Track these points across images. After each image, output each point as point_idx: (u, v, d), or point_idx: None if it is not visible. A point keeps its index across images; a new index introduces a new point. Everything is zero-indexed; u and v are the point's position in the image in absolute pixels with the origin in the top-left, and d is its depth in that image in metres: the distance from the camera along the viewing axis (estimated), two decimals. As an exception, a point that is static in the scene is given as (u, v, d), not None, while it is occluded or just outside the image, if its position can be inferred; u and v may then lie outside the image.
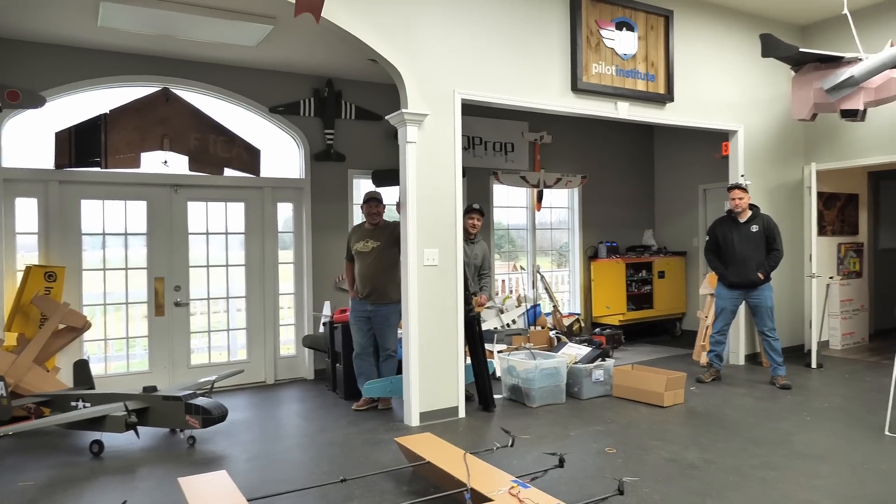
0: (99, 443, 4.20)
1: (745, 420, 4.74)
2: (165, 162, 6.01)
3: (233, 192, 6.37)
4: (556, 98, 5.50)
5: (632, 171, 9.10)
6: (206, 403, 4.25)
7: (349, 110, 6.83)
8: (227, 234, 6.41)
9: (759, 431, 4.45)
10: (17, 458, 4.16)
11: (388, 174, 6.85)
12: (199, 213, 6.27)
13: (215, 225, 6.35)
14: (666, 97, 6.10)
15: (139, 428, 4.23)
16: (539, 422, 4.81)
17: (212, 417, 4.20)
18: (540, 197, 8.22)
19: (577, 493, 3.18)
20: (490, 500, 2.82)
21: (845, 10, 6.12)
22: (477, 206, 5.57)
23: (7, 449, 4.37)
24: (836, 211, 7.77)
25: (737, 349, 6.83)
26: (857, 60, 5.78)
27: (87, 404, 4.45)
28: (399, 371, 5.16)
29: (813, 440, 4.26)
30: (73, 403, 4.52)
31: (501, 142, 7.91)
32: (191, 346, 6.19)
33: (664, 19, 6.09)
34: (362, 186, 7.04)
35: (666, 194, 9.21)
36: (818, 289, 6.85)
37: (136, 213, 5.98)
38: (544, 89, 5.43)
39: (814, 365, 6.54)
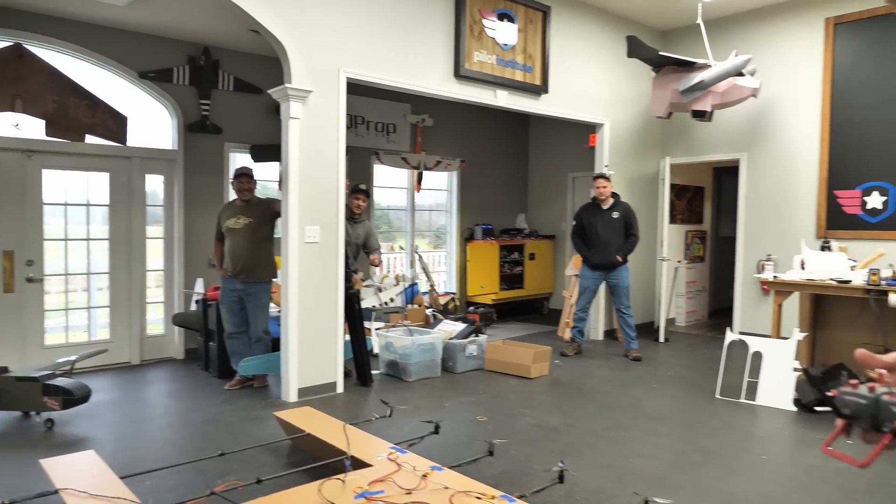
0: (-59, 427, 3.87)
1: (602, 388, 5.20)
2: (17, 125, 5.52)
3: (96, 160, 5.97)
4: (440, 83, 5.65)
5: (508, 158, 9.50)
6: (67, 384, 4.03)
7: (227, 81, 6.59)
8: (88, 205, 6.00)
9: (613, 398, 4.90)
10: None
11: (268, 149, 6.71)
12: (57, 182, 5.82)
13: (75, 195, 5.93)
14: (541, 88, 6.45)
15: (-11, 411, 3.94)
16: (416, 394, 5.00)
17: (73, 398, 3.99)
18: (420, 178, 8.38)
19: (451, 457, 3.38)
20: (370, 465, 2.94)
21: (699, 20, 6.76)
22: (363, 187, 5.61)
23: None
24: (686, 202, 8.57)
25: (597, 325, 7.41)
26: (707, 66, 6.42)
27: (-74, 387, 4.06)
28: (274, 350, 5.13)
29: (657, 404, 4.76)
30: None
31: (384, 122, 7.97)
32: (45, 325, 5.77)
33: (542, 14, 6.41)
34: (239, 161, 6.84)
35: (538, 180, 9.70)
36: (667, 272, 7.56)
37: (-19, 180, 5.45)
38: (428, 74, 5.57)
39: (661, 339, 7.24)
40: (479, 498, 2.58)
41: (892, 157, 6.11)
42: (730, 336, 5.02)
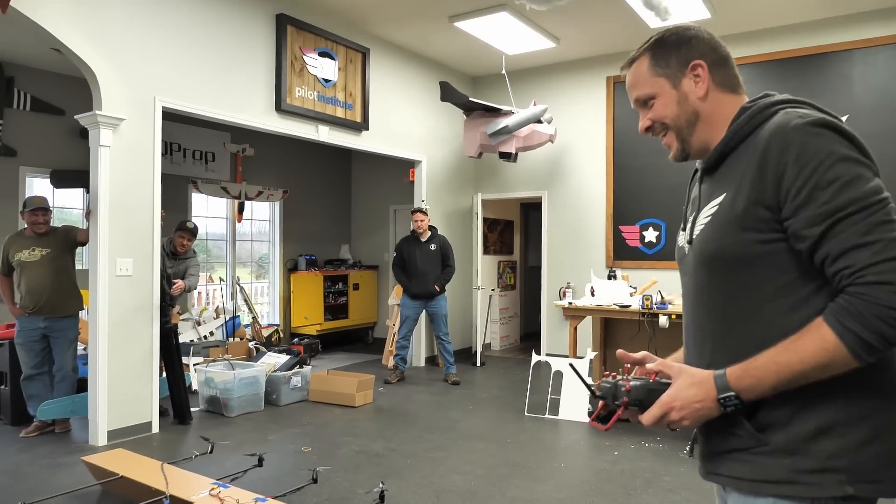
0: None
1: (422, 412, 5.50)
2: None
3: None
4: (261, 116, 5.70)
5: (331, 189, 9.67)
6: None
7: (23, 100, 6.09)
8: None
9: (432, 421, 5.22)
10: None
11: (71, 175, 6.28)
12: None
13: None
14: (361, 125, 6.73)
15: None
16: (238, 429, 4.93)
17: None
18: (241, 208, 8.26)
19: (275, 488, 3.43)
20: (191, 503, 2.92)
21: (503, 71, 7.50)
22: (191, 225, 5.41)
23: None
24: (497, 234, 9.31)
25: (419, 352, 7.76)
26: (511, 112, 7.14)
27: None
28: (79, 391, 4.79)
29: (473, 424, 5.16)
30: None
31: (202, 150, 7.78)
32: None
33: (362, 55, 6.72)
34: (36, 187, 6.30)
35: (361, 212, 9.97)
36: (482, 300, 8.15)
37: None
38: (250, 106, 5.60)
39: (478, 363, 7.77)
40: (304, 523, 2.69)
41: (663, 197, 7.21)
42: (535, 358, 5.58)
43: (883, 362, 1.11)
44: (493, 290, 8.94)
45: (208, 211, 8.15)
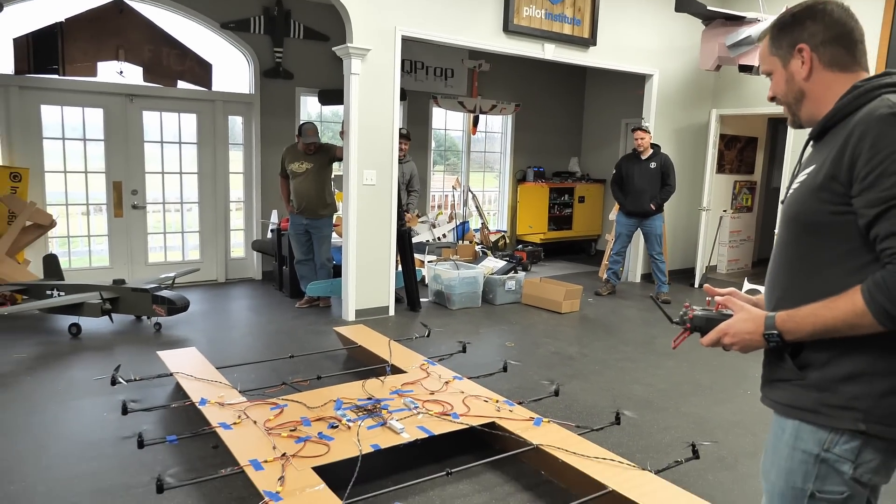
0: (77, 325, 4.88)
1: (623, 325, 5.79)
2: (121, 72, 6.35)
3: (186, 103, 6.79)
4: (489, 38, 6.09)
5: (563, 102, 9.82)
6: (171, 295, 4.94)
7: (298, 30, 7.21)
8: (180, 143, 6.87)
9: (630, 335, 5.49)
10: (3, 337, 4.81)
11: (334, 94, 7.36)
12: (154, 123, 6.69)
13: (169, 134, 6.80)
14: (589, 41, 6.77)
15: (112, 314, 4.91)
16: (456, 321, 5.73)
17: (176, 307, 4.91)
18: (476, 121, 8.88)
19: (473, 371, 4.09)
20: (405, 371, 3.70)
21: (751, -26, 6.82)
22: (404, 131, 6.24)
23: (-10, 328, 5.00)
24: (736, 152, 8.74)
25: (635, 268, 7.90)
26: (756, 21, 6.55)
27: (62, 293, 5.07)
28: (337, 275, 5.94)
29: (670, 343, 5.31)
30: (49, 292, 5.12)
31: (442, 67, 8.45)
32: (148, 246, 6.78)
33: (593, -32, 6.65)
34: (309, 104, 7.54)
35: (592, 125, 10.01)
36: (707, 221, 7.87)
37: (93, 120, 6.36)
38: (478, 29, 6.01)
39: (697, 285, 7.68)
40: (486, 401, 3.29)
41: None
42: (747, 286, 5.46)
43: None
44: (724, 210, 8.55)
45: (447, 124, 8.92)
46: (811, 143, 1.47)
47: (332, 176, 6.03)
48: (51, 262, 5.48)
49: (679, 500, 2.44)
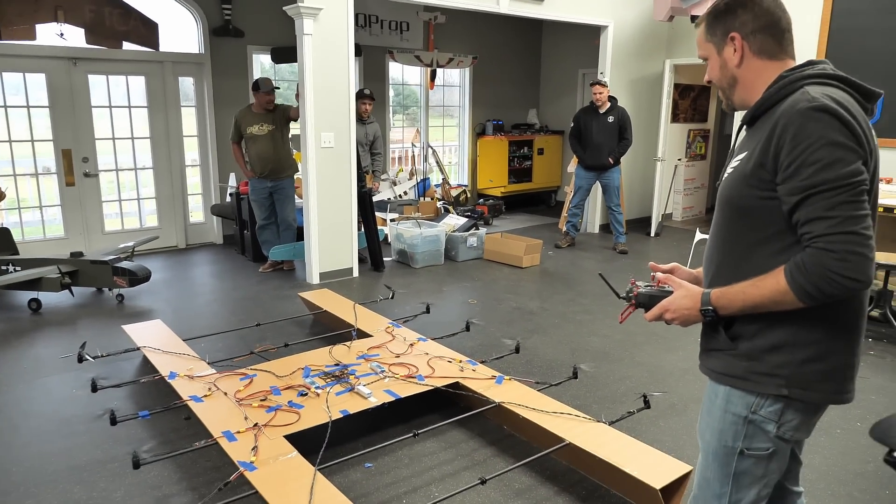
0: (37, 301, 4.83)
1: (582, 278, 5.97)
2: (62, 34, 6.10)
3: (133, 65, 6.57)
4: (444, -7, 6.01)
5: (520, 54, 9.78)
6: (131, 266, 4.91)
7: (247, -15, 6.98)
8: (129, 107, 6.68)
9: (589, 287, 5.68)
10: (-41, 314, 4.74)
11: (288, 51, 7.20)
12: (101, 87, 6.48)
13: (118, 98, 6.59)
14: (544, -6, 6.72)
15: (72, 288, 4.86)
16: (420, 279, 5.84)
17: (137, 278, 4.89)
18: (433, 76, 8.81)
19: (437, 332, 4.21)
20: (371, 335, 3.80)
21: (702, -78, 6.82)
22: (368, 91, 6.20)
23: (-55, 306, 4.91)
24: (690, 100, 8.88)
25: (593, 220, 8.08)
26: (707, -29, 6.59)
27: (18, 268, 4.99)
28: (300, 238, 5.96)
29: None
30: (3, 268, 5.03)
31: (397, 21, 8.31)
32: (103, 214, 6.65)
33: (547, -83, 6.55)
34: (262, 62, 7.37)
35: (550, 77, 10.02)
36: (662, 171, 8.05)
37: (36, 86, 6.13)
38: (433, -16, 5.92)
39: (653, 234, 7.91)
40: (449, 361, 3.42)
41: (889, 64, 6.35)
42: (698, 235, 5.66)
43: (837, 303, 1.37)
44: (679, 159, 8.74)
45: (404, 78, 8.83)
46: (744, 128, 1.57)
47: (290, 136, 5.98)
48: (3, 236, 5.35)
49: (630, 448, 2.62)
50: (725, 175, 1.54)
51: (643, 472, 2.44)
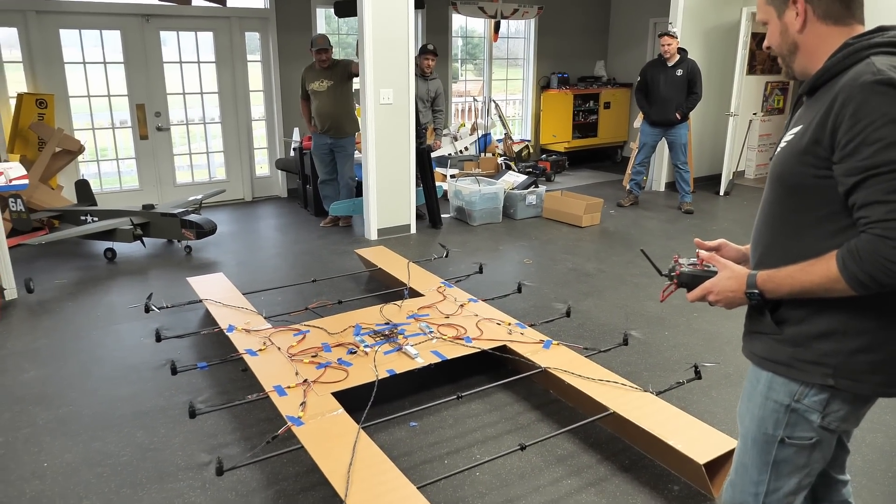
0: (112, 250, 5.12)
1: (644, 238, 5.82)
2: (134, -10, 6.25)
3: (201, 21, 6.69)
4: (508, -59, 5.79)
5: (588, 2, 9.38)
6: (198, 219, 5.11)
7: (310, -63, 6.93)
8: (199, 62, 6.83)
9: (650, 248, 5.52)
10: (44, 263, 5.08)
11: (351, 5, 7.11)
12: (172, 43, 6.64)
13: (187, 54, 6.75)
14: (615, -62, 6.37)
15: (143, 239, 5.12)
16: (476, 237, 5.83)
17: (204, 231, 5.09)
18: (497, 27, 8.58)
19: (488, 292, 4.22)
20: (422, 294, 3.84)
21: None
22: (431, 47, 6.10)
23: (32, 255, 5.26)
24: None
25: (659, 177, 7.81)
26: None
27: (96, 219, 5.28)
28: (359, 194, 6.03)
29: (689, 255, 5.35)
30: (83, 218, 5.34)
31: (462, -30, 8.08)
32: (175, 167, 6.92)
33: None
34: (325, 16, 7.36)
35: (619, 26, 9.58)
36: (735, 127, 7.63)
37: (112, 43, 6.34)
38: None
39: (722, 193, 7.58)
40: (498, 324, 3.43)
41: None
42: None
43: (892, 292, 1.28)
44: (754, 113, 8.28)
45: (466, 31, 8.64)
46: (803, 98, 1.45)
47: (355, 91, 6.00)
48: (83, 188, 5.66)
49: (676, 420, 2.58)
50: (779, 149, 1.44)
51: (687, 445, 2.40)
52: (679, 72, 6.41)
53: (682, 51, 6.49)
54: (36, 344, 3.65)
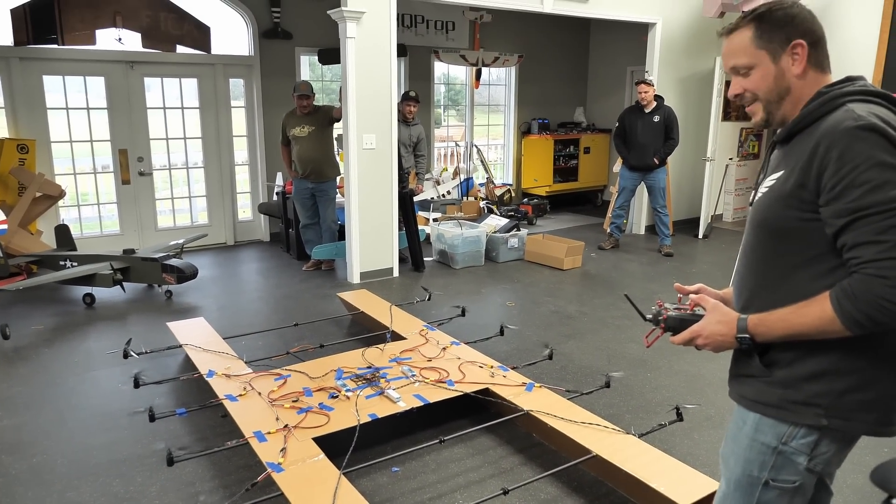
0: (91, 295, 5.06)
1: (625, 281, 5.87)
2: (119, 39, 6.34)
3: (186, 68, 6.79)
4: (487, -7, 5.98)
5: (567, 52, 9.65)
6: (180, 263, 5.09)
7: (295, -12, 7.11)
8: (182, 108, 6.90)
9: (631, 290, 5.58)
10: (21, 308, 5.00)
11: (334, 53, 7.26)
12: (156, 89, 6.71)
13: (171, 99, 6.82)
14: (590, -8, 6.62)
15: (123, 283, 5.07)
16: (459, 280, 5.85)
17: (185, 275, 5.06)
18: (479, 75, 8.79)
19: (472, 335, 4.21)
20: (405, 338, 3.83)
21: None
22: (413, 94, 6.23)
23: (9, 301, 5.18)
24: (743, 97, 8.60)
25: (639, 221, 7.93)
26: (762, -35, 6.37)
27: (75, 263, 5.23)
28: (342, 238, 6.05)
29: (670, 298, 5.40)
30: (62, 263, 5.29)
31: (443, 20, 8.32)
32: (157, 211, 6.90)
33: (594, -86, 6.45)
34: (309, 64, 7.50)
35: (597, 74, 9.86)
36: (712, 171, 7.82)
37: (95, 89, 6.40)
38: (476, -15, 5.90)
39: (700, 236, 7.71)
40: (481, 367, 3.42)
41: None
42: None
43: (880, 331, 1.30)
44: (730, 158, 8.50)
45: (448, 78, 8.83)
46: (776, 146, 1.50)
47: (336, 136, 6.08)
48: (63, 232, 5.63)
49: (659, 463, 2.57)
50: (759, 195, 1.47)
51: (670, 488, 2.39)
52: (656, 118, 6.59)
53: (658, 98, 6.68)
54: (10, 392, 3.57)
